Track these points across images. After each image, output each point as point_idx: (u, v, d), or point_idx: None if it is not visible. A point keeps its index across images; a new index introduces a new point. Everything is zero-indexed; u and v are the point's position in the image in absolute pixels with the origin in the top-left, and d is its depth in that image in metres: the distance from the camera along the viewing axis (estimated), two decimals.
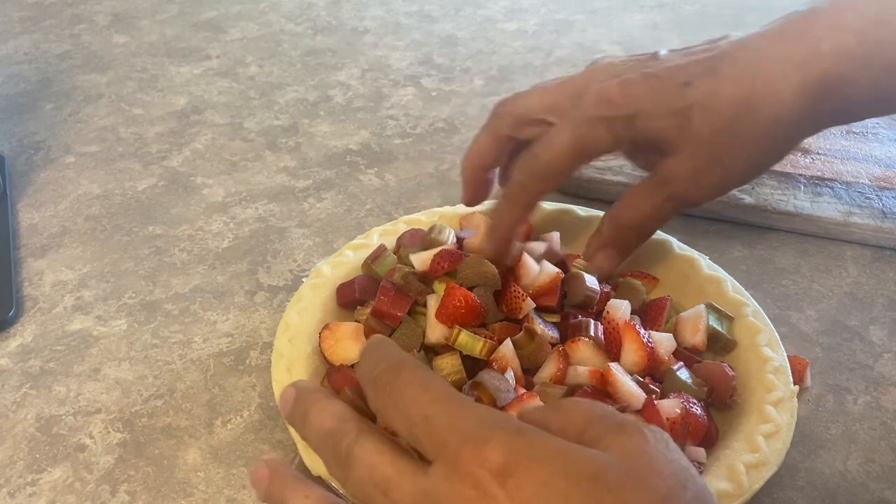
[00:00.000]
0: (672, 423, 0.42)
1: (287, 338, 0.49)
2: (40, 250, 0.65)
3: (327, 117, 0.81)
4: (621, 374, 0.45)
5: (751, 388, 0.47)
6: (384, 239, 0.57)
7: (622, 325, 0.47)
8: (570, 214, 0.59)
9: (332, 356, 0.49)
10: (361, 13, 1.01)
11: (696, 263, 0.54)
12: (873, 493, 0.47)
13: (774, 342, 0.49)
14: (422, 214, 0.59)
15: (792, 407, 0.45)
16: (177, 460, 0.49)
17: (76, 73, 0.90)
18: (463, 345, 0.46)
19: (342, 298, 0.53)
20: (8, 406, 0.53)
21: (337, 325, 0.50)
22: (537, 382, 0.46)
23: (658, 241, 0.56)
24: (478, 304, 0.47)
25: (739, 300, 0.52)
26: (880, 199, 0.64)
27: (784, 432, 0.44)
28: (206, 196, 0.71)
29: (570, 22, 0.98)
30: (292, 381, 0.45)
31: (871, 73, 0.44)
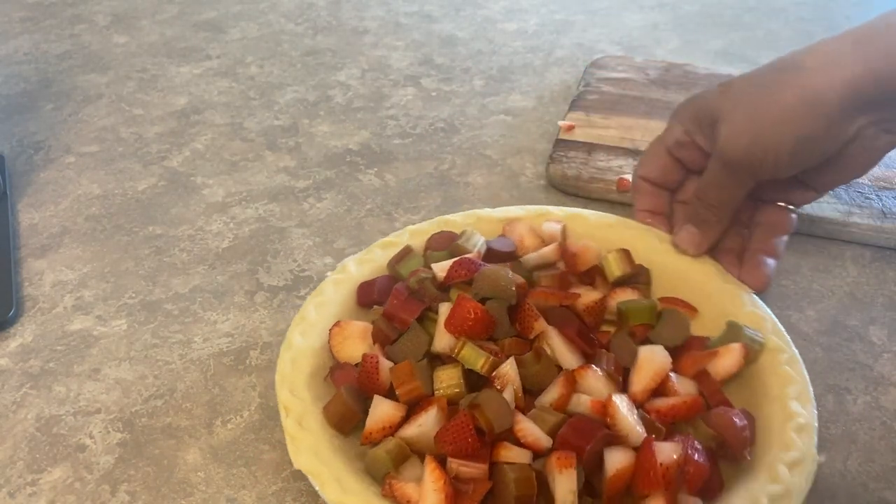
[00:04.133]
0: (665, 468, 0.40)
1: (300, 330, 0.49)
2: (40, 250, 0.65)
3: (327, 117, 0.81)
4: (625, 408, 0.43)
5: (768, 443, 0.43)
6: (416, 238, 0.56)
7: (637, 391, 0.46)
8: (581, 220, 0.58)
9: (339, 353, 0.49)
10: (361, 13, 1.01)
11: (739, 298, 0.51)
12: (873, 493, 0.47)
13: (805, 396, 0.45)
14: (459, 216, 0.58)
15: (808, 471, 0.41)
16: (177, 460, 0.49)
17: (76, 73, 0.90)
18: (465, 358, 0.45)
19: (362, 297, 0.52)
20: (8, 406, 0.53)
21: (347, 323, 0.49)
22: (538, 406, 0.44)
23: (703, 269, 0.54)
24: (487, 316, 0.46)
25: (777, 344, 0.48)
26: (880, 199, 0.64)
27: (793, 497, 0.40)
28: (206, 196, 0.71)
29: (570, 22, 0.98)
30: (295, 374, 0.46)
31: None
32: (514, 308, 0.48)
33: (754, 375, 0.47)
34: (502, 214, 0.57)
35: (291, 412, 0.45)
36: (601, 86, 0.79)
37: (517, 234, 0.56)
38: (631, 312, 0.50)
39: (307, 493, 0.47)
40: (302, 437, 0.43)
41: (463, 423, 0.41)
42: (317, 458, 0.42)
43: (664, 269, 0.54)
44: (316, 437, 0.43)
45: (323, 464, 0.42)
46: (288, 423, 0.44)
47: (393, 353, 0.48)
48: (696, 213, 0.54)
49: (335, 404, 0.45)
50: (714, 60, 0.89)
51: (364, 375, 0.46)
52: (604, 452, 0.41)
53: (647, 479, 0.40)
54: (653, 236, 0.56)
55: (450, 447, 0.41)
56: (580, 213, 0.57)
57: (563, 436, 0.42)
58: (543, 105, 0.82)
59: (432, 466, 0.41)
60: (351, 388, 0.46)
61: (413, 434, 0.43)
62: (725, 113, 0.50)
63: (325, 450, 0.43)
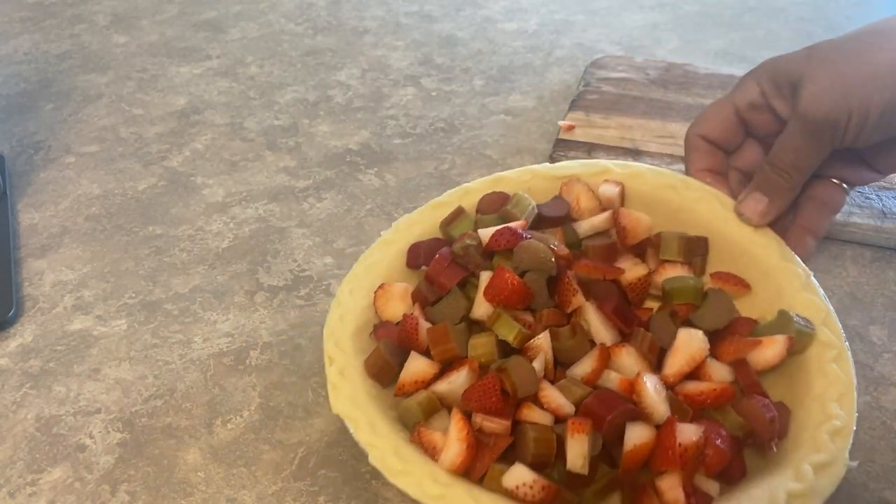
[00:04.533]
0: (684, 449, 0.40)
1: (349, 289, 0.51)
2: (40, 250, 0.65)
3: (327, 117, 0.81)
4: (653, 387, 0.43)
5: (799, 442, 0.42)
6: (469, 198, 0.55)
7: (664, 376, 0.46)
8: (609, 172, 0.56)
9: (382, 313, 0.50)
10: (361, 13, 1.01)
11: (796, 280, 0.49)
12: (873, 493, 0.47)
13: (848, 398, 0.43)
14: (515, 172, 0.56)
15: (836, 475, 0.40)
16: (177, 460, 0.49)
17: (76, 73, 0.90)
18: (498, 328, 0.46)
19: (411, 260, 0.53)
20: (8, 406, 0.53)
21: (389, 285, 0.51)
22: (569, 376, 0.46)
23: (764, 242, 0.51)
24: (524, 288, 0.47)
25: (828, 338, 0.46)
26: (880, 199, 0.64)
27: (814, 498, 0.39)
28: (206, 196, 0.71)
29: (570, 22, 0.98)
30: (342, 329, 0.48)
31: None
32: (555, 280, 0.48)
33: (800, 368, 0.46)
34: (559, 171, 0.56)
35: (335, 362, 0.47)
36: (601, 86, 0.79)
37: (574, 194, 0.54)
38: (676, 292, 0.49)
39: (307, 493, 0.47)
40: (342, 385, 0.45)
41: (490, 383, 0.43)
42: (353, 404, 0.44)
43: (723, 238, 0.52)
44: (354, 385, 0.45)
45: (359, 409, 0.44)
46: (331, 371, 0.46)
47: (433, 314, 0.49)
48: (767, 179, 0.51)
49: (374, 357, 0.47)
50: (714, 60, 0.89)
51: (404, 334, 0.47)
52: (626, 426, 0.42)
53: (664, 456, 0.41)
54: (715, 200, 0.53)
55: (475, 404, 0.43)
56: (641, 172, 0.55)
57: (587, 405, 0.43)
58: (543, 105, 0.82)
59: (458, 417, 0.43)
60: (390, 344, 0.48)
61: (444, 389, 0.45)
62: (810, 74, 0.48)
63: (362, 397, 0.45)
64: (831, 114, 0.47)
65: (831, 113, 0.47)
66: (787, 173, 0.50)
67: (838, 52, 0.48)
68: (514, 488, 0.41)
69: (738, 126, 0.54)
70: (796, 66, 0.49)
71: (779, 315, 0.47)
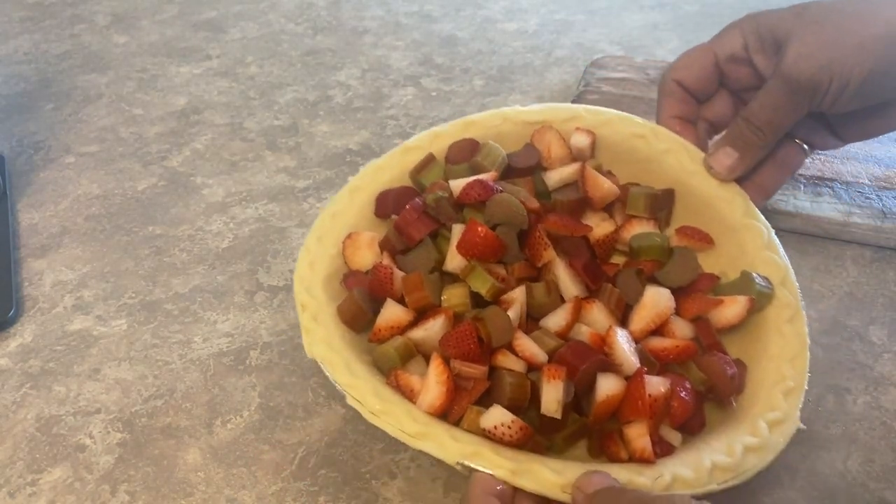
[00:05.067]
0: (653, 399, 0.42)
1: (317, 236, 0.51)
2: (40, 250, 0.65)
3: (327, 117, 0.81)
4: (623, 340, 0.45)
5: (756, 398, 0.45)
6: (441, 141, 0.55)
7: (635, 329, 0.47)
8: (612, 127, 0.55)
9: (350, 262, 0.51)
10: (361, 13, 1.01)
11: (758, 237, 0.50)
12: (873, 493, 0.47)
13: (802, 359, 0.45)
14: (486, 115, 0.56)
15: (787, 432, 0.42)
16: (177, 460, 0.49)
17: (76, 73, 0.90)
18: (472, 281, 0.46)
19: (379, 209, 0.53)
20: (8, 406, 0.53)
21: (357, 234, 0.51)
22: (542, 326, 0.47)
23: (728, 197, 0.52)
24: (497, 242, 0.47)
25: (785, 299, 0.48)
26: (880, 199, 0.64)
27: (767, 451, 0.41)
28: (206, 196, 0.71)
29: (570, 22, 0.98)
30: (313, 276, 0.49)
31: None
32: (526, 233, 0.49)
33: (757, 326, 0.48)
34: (529, 116, 0.55)
35: (308, 308, 0.47)
36: (601, 86, 0.79)
37: (545, 142, 0.54)
38: (643, 250, 0.50)
39: (307, 494, 0.47)
40: (316, 329, 0.46)
41: (466, 331, 0.44)
42: (329, 347, 0.45)
43: (689, 191, 0.53)
44: (328, 330, 0.46)
45: (334, 352, 0.44)
46: (304, 317, 0.46)
47: (403, 263, 0.49)
48: (740, 135, 0.51)
49: (347, 304, 0.47)
50: None
51: (377, 282, 0.48)
52: (597, 376, 0.43)
53: (634, 406, 0.43)
54: (684, 152, 0.53)
55: (452, 350, 0.44)
56: (610, 120, 0.55)
57: (560, 354, 0.44)
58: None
59: (438, 362, 0.44)
60: (362, 291, 0.48)
61: (420, 336, 0.46)
62: (798, 34, 0.48)
63: (337, 341, 0.45)
64: (815, 77, 0.47)
65: (815, 76, 0.47)
66: (761, 131, 0.50)
67: (828, 16, 0.48)
68: (492, 428, 0.42)
69: (715, 76, 0.54)
70: (784, 23, 0.49)
71: (741, 276, 0.49)
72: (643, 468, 0.41)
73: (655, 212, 0.52)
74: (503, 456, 0.40)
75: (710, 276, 0.50)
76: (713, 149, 0.52)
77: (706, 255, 0.52)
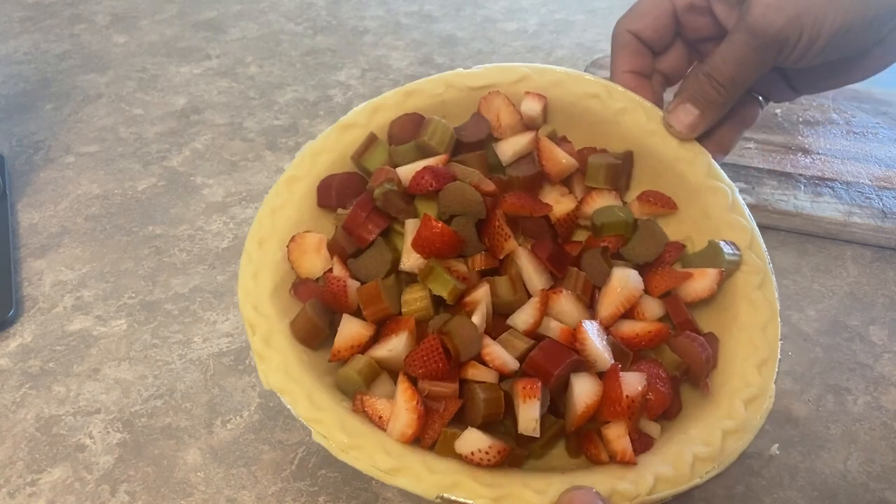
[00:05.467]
0: (631, 400, 0.41)
1: (257, 240, 0.46)
2: (40, 250, 0.65)
3: (327, 117, 0.81)
4: (594, 334, 0.43)
5: (730, 375, 0.43)
6: (380, 116, 0.50)
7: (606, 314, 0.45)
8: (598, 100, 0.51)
9: (298, 268, 0.46)
10: (361, 13, 1.01)
11: (722, 198, 0.48)
12: (873, 493, 0.46)
13: (771, 324, 0.44)
14: (427, 82, 0.51)
15: (764, 407, 0.42)
16: (177, 460, 0.49)
17: (76, 73, 0.90)
18: (432, 284, 0.43)
19: (322, 199, 0.48)
20: (8, 406, 0.53)
21: (301, 237, 0.47)
22: (510, 323, 0.44)
23: (690, 157, 0.49)
24: (455, 237, 0.44)
25: (753, 263, 0.46)
26: (880, 199, 0.64)
27: (746, 433, 0.41)
28: (205, 196, 0.71)
29: (570, 22, 0.98)
30: (258, 289, 0.45)
31: None
32: (484, 222, 0.45)
33: (725, 295, 0.46)
34: (473, 81, 0.51)
35: (258, 330, 0.43)
36: None
37: (493, 110, 0.50)
38: (606, 226, 0.48)
39: (307, 494, 0.47)
40: (270, 356, 0.43)
41: (432, 347, 0.41)
42: (287, 376, 0.42)
43: (648, 152, 0.50)
44: (284, 355, 0.43)
45: (293, 381, 0.42)
46: (255, 341, 0.43)
47: (356, 268, 0.46)
48: (701, 90, 0.48)
49: (301, 321, 0.44)
50: None
51: (330, 295, 0.44)
52: (571, 380, 0.42)
53: (611, 409, 0.41)
54: (641, 111, 0.50)
55: (420, 370, 0.41)
56: (561, 80, 0.51)
57: (532, 359, 0.42)
58: None
59: (405, 386, 0.41)
60: (316, 304, 0.45)
61: (383, 355, 0.43)
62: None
63: (295, 367, 0.42)
64: (783, 30, 0.45)
65: (784, 29, 0.45)
66: (723, 87, 0.48)
67: None
68: (469, 454, 0.40)
69: (672, 26, 0.51)
70: None
71: (709, 245, 0.47)
72: (625, 471, 0.40)
73: (616, 182, 0.49)
74: (482, 482, 0.39)
75: (676, 245, 0.48)
76: (672, 106, 0.49)
77: (669, 219, 0.49)
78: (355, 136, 0.49)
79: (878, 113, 0.75)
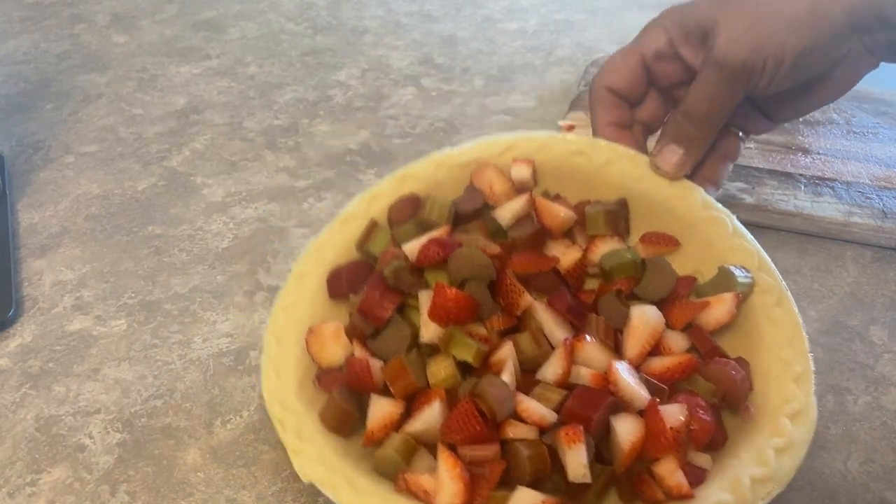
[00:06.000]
0: (676, 431, 0.40)
1: (275, 338, 0.47)
2: (40, 250, 0.65)
3: (327, 117, 0.81)
4: (626, 373, 0.43)
5: (767, 395, 0.43)
6: (376, 204, 0.52)
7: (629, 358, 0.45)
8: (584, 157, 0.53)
9: (319, 359, 0.47)
10: (361, 13, 1.01)
11: (722, 227, 0.49)
12: (873, 493, 0.46)
13: (798, 339, 0.44)
14: (419, 165, 0.53)
15: (810, 420, 0.42)
16: (176, 460, 0.49)
17: (76, 73, 0.90)
18: (455, 350, 0.44)
19: (333, 289, 0.50)
20: (7, 406, 0.53)
21: (318, 328, 0.48)
22: (540, 378, 0.44)
23: (683, 194, 0.51)
24: (470, 301, 0.45)
25: (767, 283, 0.46)
26: (881, 199, 0.64)
27: (797, 448, 0.41)
28: (205, 196, 0.71)
29: (570, 22, 0.98)
30: (282, 386, 0.45)
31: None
32: (496, 283, 0.46)
33: (746, 317, 0.46)
34: (462, 158, 0.53)
35: (288, 426, 0.43)
36: None
37: (485, 181, 0.52)
38: (616, 269, 0.48)
39: (307, 494, 0.47)
40: (304, 448, 0.42)
41: (467, 411, 0.41)
42: (324, 466, 0.41)
43: (641, 197, 0.51)
44: (318, 446, 0.43)
45: (332, 471, 0.41)
46: (287, 437, 0.43)
47: (376, 348, 0.46)
48: (682, 130, 0.50)
49: (330, 409, 0.44)
50: None
51: (354, 378, 0.45)
52: (612, 422, 0.41)
53: (657, 444, 0.40)
54: (627, 161, 0.52)
55: (458, 436, 0.41)
56: (546, 143, 0.53)
57: (569, 408, 0.41)
58: (543, 105, 0.82)
59: (446, 455, 0.41)
60: (342, 390, 0.45)
61: (418, 429, 0.43)
62: (724, 20, 0.48)
63: (331, 457, 0.42)
64: (749, 59, 0.47)
65: (749, 59, 0.47)
66: (702, 123, 0.50)
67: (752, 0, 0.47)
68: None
69: (644, 76, 0.53)
70: (708, 11, 0.48)
71: (719, 272, 0.47)
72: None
73: (616, 226, 0.51)
74: None
75: (687, 279, 0.49)
76: (657, 149, 0.51)
77: (674, 257, 0.50)
78: (356, 226, 0.51)
79: (878, 113, 0.75)
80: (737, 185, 0.66)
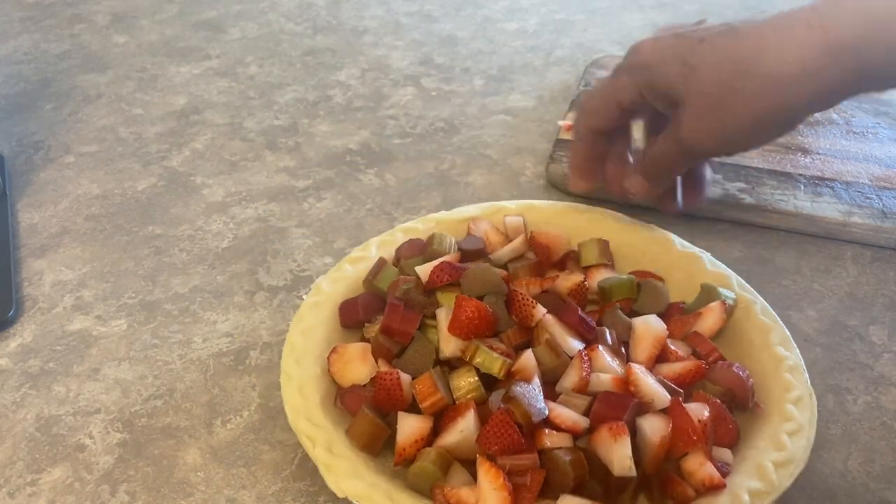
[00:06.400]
0: (703, 424, 0.42)
1: (294, 359, 0.48)
2: (40, 250, 0.65)
3: (327, 117, 0.81)
4: (643, 374, 0.45)
5: (768, 388, 0.47)
6: (382, 250, 0.56)
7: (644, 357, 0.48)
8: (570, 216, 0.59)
9: (341, 379, 0.48)
10: (361, 13, 1.01)
11: (699, 261, 0.55)
12: (873, 493, 0.47)
13: (787, 340, 0.49)
14: (418, 222, 0.59)
15: (812, 405, 0.45)
16: (177, 460, 0.49)
17: (76, 73, 0.90)
18: (481, 363, 0.45)
19: (346, 319, 0.52)
20: (8, 406, 0.53)
21: (344, 347, 0.49)
22: (559, 390, 0.45)
23: (659, 239, 0.57)
24: (490, 313, 0.47)
25: (747, 298, 0.52)
26: (880, 199, 0.64)
27: (807, 430, 0.44)
28: (205, 196, 0.71)
29: (570, 22, 0.98)
30: (307, 403, 0.45)
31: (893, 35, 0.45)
32: (507, 298, 0.49)
33: (734, 329, 0.51)
34: (459, 215, 0.59)
35: (318, 441, 0.43)
36: None
37: (481, 231, 0.57)
38: (614, 289, 0.52)
39: (307, 494, 0.47)
40: (338, 464, 0.42)
41: (502, 420, 0.41)
42: (362, 481, 0.41)
43: (623, 245, 0.57)
44: (352, 461, 0.42)
45: (369, 486, 0.41)
46: (318, 452, 0.43)
47: (402, 366, 0.47)
48: (647, 169, 0.55)
49: (361, 424, 0.44)
50: None
51: (384, 393, 0.45)
52: (638, 423, 0.43)
53: (686, 438, 0.42)
54: (607, 218, 0.59)
55: (495, 446, 0.41)
56: (532, 205, 0.60)
57: (596, 412, 0.43)
58: (543, 105, 0.82)
59: (487, 465, 0.41)
60: (370, 405, 0.46)
61: (454, 441, 0.43)
62: (690, 104, 0.50)
63: (364, 470, 0.42)
64: (712, 149, 0.53)
65: (712, 149, 0.53)
66: (662, 171, 0.55)
67: (716, 88, 0.49)
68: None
69: (621, 117, 0.56)
70: (675, 84, 0.50)
71: (702, 289, 0.52)
72: (716, 498, 0.40)
73: (609, 256, 0.56)
74: None
75: (675, 305, 0.53)
76: (629, 176, 0.56)
77: None
78: (365, 266, 0.54)
79: (878, 113, 0.75)
80: (737, 185, 0.66)
